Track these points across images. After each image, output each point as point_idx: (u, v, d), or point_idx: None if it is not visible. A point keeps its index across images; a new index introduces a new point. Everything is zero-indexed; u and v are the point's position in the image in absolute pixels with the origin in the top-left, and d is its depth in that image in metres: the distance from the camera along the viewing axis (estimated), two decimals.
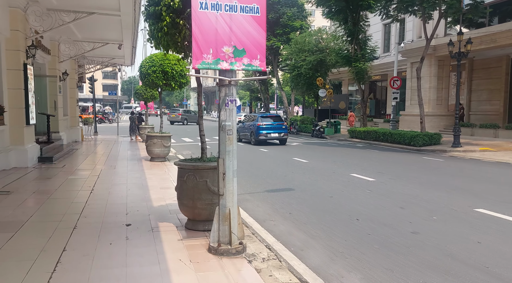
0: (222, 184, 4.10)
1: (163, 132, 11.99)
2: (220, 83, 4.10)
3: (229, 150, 4.09)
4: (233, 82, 4.09)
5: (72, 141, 18.04)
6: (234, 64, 4.03)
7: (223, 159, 4.08)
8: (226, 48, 3.98)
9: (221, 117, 4.10)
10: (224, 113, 4.09)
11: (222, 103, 4.10)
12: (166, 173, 9.64)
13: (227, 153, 4.08)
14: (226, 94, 4.09)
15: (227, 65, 4.00)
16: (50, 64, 14.37)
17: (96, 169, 9.98)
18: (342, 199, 7.11)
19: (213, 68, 3.97)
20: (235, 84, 4.12)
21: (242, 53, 4.04)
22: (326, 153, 15.20)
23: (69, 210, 5.75)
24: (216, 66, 3.97)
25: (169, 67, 11.26)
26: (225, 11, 3.93)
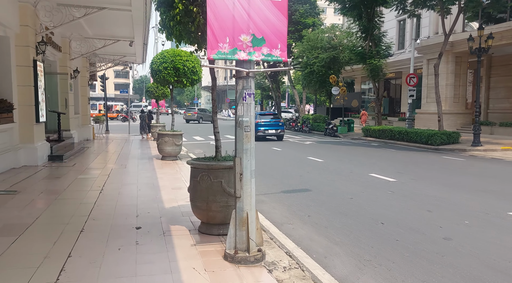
0: (239, 185, 3.76)
1: (175, 130, 11.71)
2: (237, 75, 3.75)
3: (247, 148, 3.74)
4: (251, 74, 3.74)
5: (83, 139, 17.93)
6: (253, 54, 3.68)
7: (240, 158, 3.74)
8: (244, 37, 3.63)
9: (238, 112, 3.75)
10: (241, 107, 3.74)
11: (239, 97, 3.75)
12: (177, 172, 9.35)
13: (245, 152, 3.74)
14: (243, 87, 3.74)
15: (244, 55, 3.66)
16: (61, 62, 14.21)
17: (107, 168, 9.74)
18: (363, 201, 6.71)
19: (230, 58, 3.62)
20: (253, 76, 3.77)
21: (261, 42, 3.68)
22: (341, 152, 14.76)
23: (77, 212, 5.47)
24: (233, 56, 3.63)
25: (180, 64, 10.96)
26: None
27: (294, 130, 30.23)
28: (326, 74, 26.36)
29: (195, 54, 5.20)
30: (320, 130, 27.73)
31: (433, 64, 23.25)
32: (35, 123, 9.92)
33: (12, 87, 9.35)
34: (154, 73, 11.25)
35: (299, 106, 34.43)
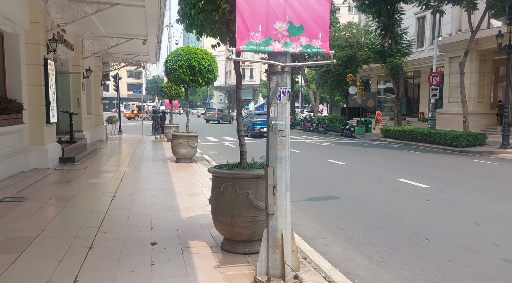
0: (271, 200, 3.19)
1: (189, 131, 11.21)
2: (270, 70, 3.18)
3: (281, 156, 3.17)
4: (287, 69, 3.17)
5: (96, 140, 17.60)
6: (289, 45, 3.11)
7: (273, 168, 3.17)
8: (279, 25, 3.06)
9: (271, 114, 3.18)
10: (275, 108, 3.17)
11: (272, 95, 3.18)
12: (193, 176, 8.83)
13: (279, 161, 3.17)
14: (277, 84, 3.17)
15: (280, 47, 3.09)
16: (73, 61, 13.86)
17: (120, 171, 9.28)
18: (399, 211, 6.08)
19: (263, 50, 3.06)
20: (289, 72, 3.20)
21: (300, 30, 3.11)
22: (363, 154, 14.08)
23: (87, 223, 4.98)
24: (266, 48, 3.06)
25: (196, 62, 10.46)
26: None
27: (309, 130, 29.55)
28: (342, 73, 25.64)
29: (217, 48, 4.63)
30: (336, 131, 27.00)
31: (455, 62, 22.36)
32: (46, 124, 9.52)
33: (21, 86, 8.95)
34: (168, 72, 10.77)
35: (314, 106, 33.71)
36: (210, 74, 10.77)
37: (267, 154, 3.24)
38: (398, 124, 21.90)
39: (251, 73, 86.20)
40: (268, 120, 3.21)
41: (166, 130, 18.28)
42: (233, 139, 20.60)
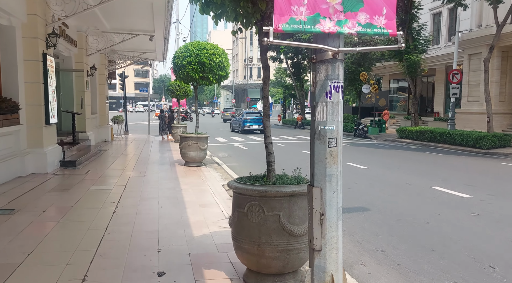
0: (318, 232, 2.39)
1: (199, 132, 10.43)
2: (317, 58, 2.38)
3: (332, 173, 2.37)
4: (341, 56, 2.37)
5: (101, 141, 16.94)
6: (344, 24, 2.31)
7: (321, 189, 2.37)
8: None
9: (317, 117, 2.38)
10: (324, 109, 2.37)
11: (319, 92, 2.38)
12: (203, 182, 8.06)
13: (328, 179, 2.37)
14: (327, 77, 2.37)
15: (331, 26, 2.28)
16: (76, 57, 13.17)
17: (124, 176, 8.54)
18: (445, 228, 5.25)
19: (309, 30, 2.26)
20: (342, 59, 2.40)
21: (358, 4, 2.30)
22: (382, 156, 13.22)
23: (82, 243, 4.22)
24: (313, 27, 2.26)
25: (206, 58, 9.69)
26: None
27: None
28: (355, 71, 24.71)
29: (238, 35, 3.84)
30: (348, 131, 26.11)
31: (475, 59, 21.36)
32: (45, 125, 8.81)
33: (18, 84, 8.25)
34: (176, 68, 10.01)
35: None
36: (221, 71, 10.00)
37: (311, 169, 2.44)
38: (415, 124, 20.97)
39: (258, 72, 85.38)
40: (313, 124, 2.41)
41: (173, 131, 17.55)
42: (242, 140, 19.83)
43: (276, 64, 67.48)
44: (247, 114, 26.45)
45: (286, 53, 33.05)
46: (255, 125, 25.25)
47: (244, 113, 27.05)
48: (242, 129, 25.28)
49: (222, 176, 8.85)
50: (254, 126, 25.24)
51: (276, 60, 38.55)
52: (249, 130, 25.23)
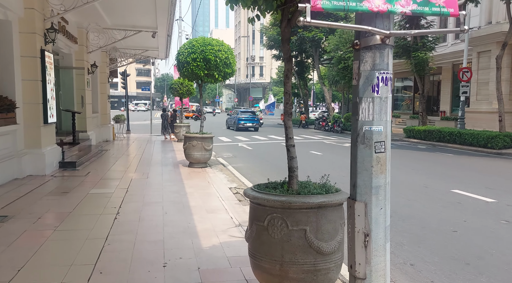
0: (361, 256, 1.97)
1: (204, 132, 10.01)
2: (361, 43, 1.96)
3: (379, 184, 1.95)
4: (391, 41, 1.94)
5: (102, 140, 16.55)
6: (396, 1, 1.88)
7: (365, 203, 1.94)
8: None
9: (361, 115, 1.96)
10: (369, 106, 1.95)
11: (364, 85, 1.96)
12: (210, 185, 7.63)
13: (374, 191, 1.94)
14: (374, 66, 1.94)
15: (381, 3, 1.86)
16: (77, 55, 12.76)
17: (126, 178, 8.12)
18: (476, 237, 4.81)
19: (353, 8, 1.84)
20: (392, 45, 1.97)
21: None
22: (392, 157, 12.77)
23: (80, 256, 3.80)
24: (359, 5, 1.84)
25: (211, 54, 9.26)
26: None
27: (325, 130, 28.23)
28: None
29: (257, 21, 3.41)
30: None
31: (484, 57, 20.88)
32: (43, 124, 8.40)
33: (14, 81, 7.84)
34: (180, 65, 9.59)
35: (329, 105, 32.36)
36: (227, 68, 9.57)
37: (352, 179, 2.02)
38: (422, 124, 20.51)
39: (261, 71, 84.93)
40: (355, 125, 1.99)
41: (176, 130, 17.13)
42: (246, 140, 19.40)
43: (279, 63, 67.02)
44: (242, 112, 28.15)
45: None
46: (249, 123, 26.98)
47: (239, 112, 28.59)
48: (237, 126, 26.90)
49: (229, 178, 8.42)
50: (248, 124, 26.94)
51: (279, 58, 38.11)
52: (244, 127, 26.78)
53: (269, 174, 9.10)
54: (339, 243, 2.77)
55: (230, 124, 29.01)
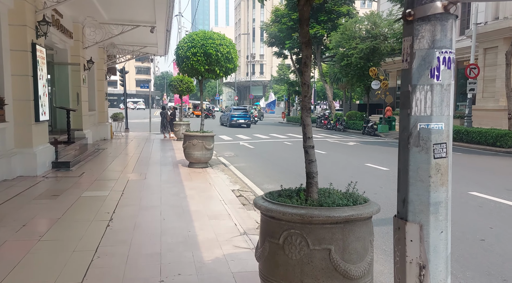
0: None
1: (205, 131, 9.53)
2: (416, 13, 1.48)
3: (438, 200, 1.48)
4: (457, 9, 1.46)
5: (100, 139, 16.09)
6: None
7: (420, 225, 1.47)
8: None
9: (415, 108, 1.50)
10: (427, 96, 1.48)
11: (419, 68, 1.48)
12: (211, 187, 7.17)
13: (433, 209, 1.48)
14: (433, 44, 1.47)
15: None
16: (72, 50, 12.28)
17: (122, 179, 7.66)
18: (509, 247, 4.34)
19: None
20: (457, 16, 1.49)
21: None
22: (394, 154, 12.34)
23: (64, 273, 3.34)
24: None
25: (212, 49, 8.79)
26: None
27: (327, 128, 27.76)
28: (364, 67, 23.74)
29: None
30: (356, 129, 25.22)
31: (491, 53, 20.40)
32: (34, 122, 7.93)
33: (3, 77, 7.37)
34: (180, 60, 9.12)
35: (331, 102, 31.89)
36: (229, 63, 9.10)
37: (401, 192, 1.54)
38: None
39: (261, 68, 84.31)
40: (405, 121, 1.52)
41: (176, 128, 16.66)
42: (248, 138, 18.93)
43: (279, 60, 66.48)
44: (235, 110, 29.71)
45: (291, 48, 32.05)
46: (241, 119, 28.35)
47: (232, 109, 30.29)
48: (230, 123, 28.25)
49: (231, 179, 7.96)
50: (240, 121, 28.32)
51: (280, 56, 37.60)
52: (236, 124, 28.13)
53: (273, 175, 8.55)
54: (369, 265, 2.31)
55: (224, 121, 30.04)
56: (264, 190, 7.23)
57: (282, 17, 30.89)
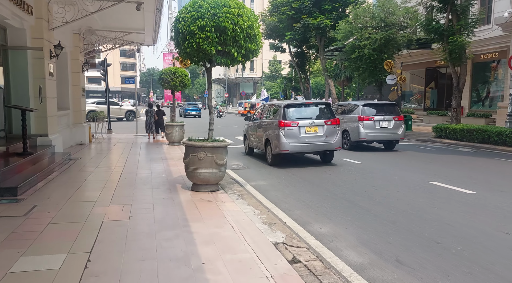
0: None
1: (215, 139, 6.69)
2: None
3: None
4: None
5: (75, 143, 13.22)
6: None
7: None
8: None
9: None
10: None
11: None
12: (236, 235, 4.42)
13: None
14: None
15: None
16: (33, 31, 9.36)
17: (93, 220, 4.86)
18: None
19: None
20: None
21: None
22: (437, 164, 9.79)
23: None
24: None
25: (228, 21, 6.02)
26: None
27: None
28: (378, 60, 21.20)
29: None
30: None
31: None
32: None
33: None
34: (180, 38, 6.31)
35: (335, 100, 29.34)
36: (250, 43, 6.33)
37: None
38: (456, 122, 17.58)
39: (251, 65, 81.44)
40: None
41: (168, 130, 13.78)
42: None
43: (271, 56, 63.77)
44: (188, 104, 41.70)
45: (291, 40, 29.35)
46: (193, 111, 38.55)
47: (186, 104, 43.34)
48: (185, 114, 38.47)
49: (260, 214, 5.23)
50: (193, 112, 38.46)
51: (278, 49, 34.92)
52: (190, 115, 38.18)
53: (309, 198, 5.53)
54: None
55: (181, 113, 39.24)
56: (319, 236, 4.57)
57: (282, 6, 28.16)
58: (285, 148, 9.45)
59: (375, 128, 12.82)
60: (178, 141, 13.68)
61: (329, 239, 4.57)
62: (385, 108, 13.53)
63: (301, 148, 9.64)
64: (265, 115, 11.24)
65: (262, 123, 10.79)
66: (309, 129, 9.69)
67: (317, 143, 9.67)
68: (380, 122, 12.91)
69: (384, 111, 13.31)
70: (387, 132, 12.96)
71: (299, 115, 9.93)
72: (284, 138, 9.45)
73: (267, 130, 10.15)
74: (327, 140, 9.75)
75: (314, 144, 9.68)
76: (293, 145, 9.49)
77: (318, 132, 9.72)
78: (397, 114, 13.43)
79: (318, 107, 10.51)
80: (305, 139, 9.60)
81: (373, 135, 12.79)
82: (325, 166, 9.89)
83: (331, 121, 9.88)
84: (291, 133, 9.49)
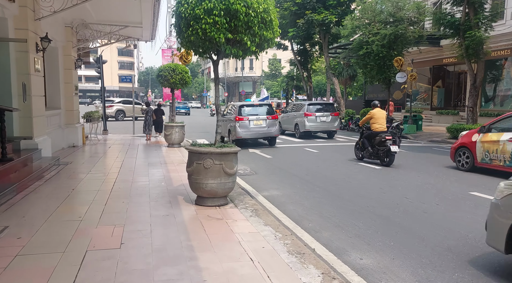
0: None
1: (224, 143, 5.65)
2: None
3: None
4: None
5: (67, 146, 12.21)
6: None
7: None
8: None
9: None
10: None
11: None
12: (257, 270, 3.41)
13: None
14: None
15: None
16: (17, 21, 8.34)
17: (74, 250, 3.84)
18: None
19: None
20: None
21: None
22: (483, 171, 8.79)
23: None
24: None
25: (240, 3, 5.00)
26: None
27: (339, 128, 24.21)
28: (386, 56, 20.20)
29: None
30: None
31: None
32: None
33: None
34: (183, 24, 5.29)
35: (341, 99, 28.35)
36: (266, 30, 5.31)
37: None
38: (473, 122, 16.61)
39: (250, 64, 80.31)
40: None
41: (167, 131, 12.74)
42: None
43: (271, 55, 62.77)
44: (178, 103, 42.74)
45: (294, 37, 28.34)
46: (182, 110, 41.70)
47: (177, 102, 41.73)
48: (176, 111, 36.91)
49: (283, 240, 4.21)
50: (182, 111, 41.38)
51: (280, 47, 33.85)
52: (179, 113, 39.61)
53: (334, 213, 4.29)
54: None
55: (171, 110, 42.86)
56: (361, 270, 3.57)
57: (285, 1, 27.14)
58: (240, 135, 13.25)
59: (316, 121, 16.58)
60: (178, 143, 12.67)
61: (377, 276, 3.56)
62: (324, 106, 17.58)
63: (251, 135, 13.47)
64: (228, 112, 14.67)
65: (227, 118, 14.31)
66: (256, 122, 13.42)
67: (261, 131, 13.49)
68: (320, 117, 16.66)
69: (324, 109, 17.15)
70: (325, 125, 16.86)
71: (249, 112, 13.61)
72: (239, 128, 13.26)
73: (230, 123, 13.85)
74: (269, 129, 13.54)
75: (260, 132, 13.49)
76: (245, 133, 13.30)
77: (262, 124, 13.49)
78: (334, 111, 17.45)
79: (263, 107, 14.32)
80: (253, 129, 13.38)
81: (315, 127, 16.60)
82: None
83: (271, 117, 13.70)
84: (244, 124, 13.30)
